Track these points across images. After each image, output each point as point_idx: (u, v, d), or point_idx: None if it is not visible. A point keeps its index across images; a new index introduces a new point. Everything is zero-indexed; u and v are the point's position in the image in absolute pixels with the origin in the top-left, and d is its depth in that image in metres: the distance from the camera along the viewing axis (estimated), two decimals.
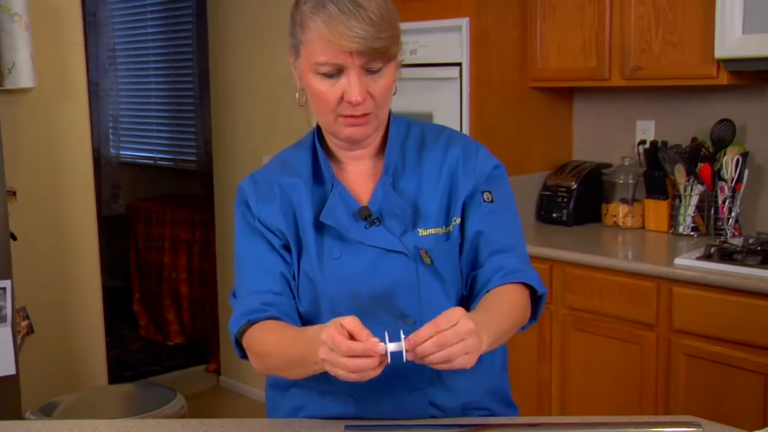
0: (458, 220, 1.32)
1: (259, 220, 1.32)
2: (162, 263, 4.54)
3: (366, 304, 1.29)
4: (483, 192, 1.33)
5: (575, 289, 2.66)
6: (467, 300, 1.33)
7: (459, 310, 1.08)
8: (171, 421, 1.39)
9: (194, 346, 4.36)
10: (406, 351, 1.07)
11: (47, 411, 2.47)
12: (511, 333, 1.27)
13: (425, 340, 1.06)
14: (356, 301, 1.29)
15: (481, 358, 1.35)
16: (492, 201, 1.33)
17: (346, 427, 1.18)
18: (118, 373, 3.84)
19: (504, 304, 1.25)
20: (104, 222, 3.58)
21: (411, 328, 1.28)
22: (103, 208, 4.80)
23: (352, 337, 1.07)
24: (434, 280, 1.30)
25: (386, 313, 1.30)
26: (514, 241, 1.35)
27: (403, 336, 1.08)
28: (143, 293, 4.70)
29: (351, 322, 1.08)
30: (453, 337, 1.05)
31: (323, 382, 1.28)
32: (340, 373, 1.06)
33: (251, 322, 1.27)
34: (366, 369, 1.05)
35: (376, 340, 1.05)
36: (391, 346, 1.07)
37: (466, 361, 1.07)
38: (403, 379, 1.32)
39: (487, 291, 1.28)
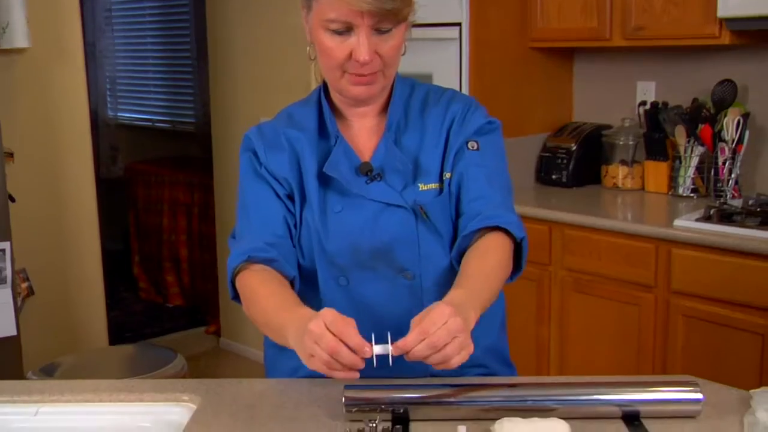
0: (449, 175, 1.32)
1: (266, 168, 1.33)
2: (161, 226, 4.55)
3: (366, 257, 1.30)
4: (468, 141, 1.33)
5: (574, 251, 2.66)
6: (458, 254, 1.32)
7: (447, 309, 1.06)
8: (172, 381, 1.40)
9: (194, 308, 4.38)
10: (393, 356, 1.06)
11: (48, 372, 2.49)
12: (497, 293, 1.27)
13: (414, 346, 1.05)
14: (356, 255, 1.30)
15: (482, 316, 1.37)
16: (477, 149, 1.32)
17: (346, 386, 1.19)
18: (118, 334, 3.86)
19: (485, 267, 1.23)
20: (103, 184, 3.56)
21: (410, 283, 1.31)
22: (101, 170, 4.79)
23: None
24: (432, 235, 1.31)
25: (386, 267, 1.31)
26: (496, 189, 1.32)
27: (390, 340, 1.07)
28: (143, 256, 4.70)
29: (342, 324, 1.07)
30: (445, 337, 1.05)
31: None
32: (316, 351, 1.05)
33: (251, 260, 1.28)
34: (344, 360, 1.04)
35: (368, 344, 1.05)
36: (377, 349, 1.06)
37: (462, 358, 1.07)
38: (402, 335, 1.29)
39: (465, 237, 1.28)
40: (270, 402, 1.29)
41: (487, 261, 1.24)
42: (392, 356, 1.06)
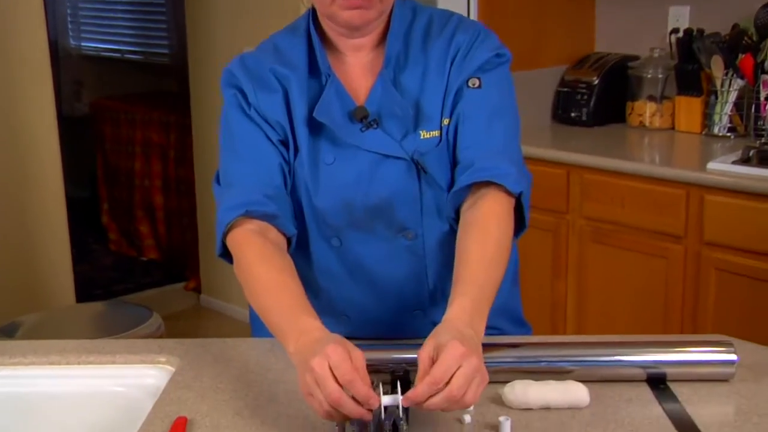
0: (447, 121, 1.29)
1: (255, 110, 1.30)
2: (133, 170, 4.54)
3: (361, 216, 1.30)
4: (470, 79, 1.28)
5: (595, 198, 2.66)
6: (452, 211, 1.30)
7: (458, 351, 1.00)
8: (147, 341, 1.41)
9: (171, 262, 4.40)
10: (403, 407, 1.02)
11: (8, 332, 2.51)
12: (502, 277, 1.21)
13: (425, 397, 0.99)
14: (350, 213, 1.30)
15: None
16: (479, 87, 1.28)
17: None
18: (86, 291, 3.87)
19: (487, 254, 1.18)
20: (65, 123, 3.55)
21: (411, 243, 1.30)
22: (63, 107, 4.75)
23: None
24: (435, 190, 1.30)
25: (385, 226, 1.31)
26: (496, 133, 1.28)
27: (399, 390, 1.04)
28: (112, 204, 4.71)
29: (353, 362, 1.02)
30: (463, 385, 0.99)
31: (312, 300, 1.31)
32: (316, 395, 1.00)
33: (249, 215, 1.24)
34: (348, 414, 1.00)
35: (375, 396, 1.00)
36: (386, 400, 1.02)
37: (478, 394, 1.01)
38: (401, 299, 1.35)
39: (457, 193, 1.25)
40: (256, 363, 1.31)
41: (487, 245, 1.19)
42: (402, 408, 1.02)
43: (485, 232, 1.20)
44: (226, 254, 1.29)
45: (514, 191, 1.25)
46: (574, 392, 1.14)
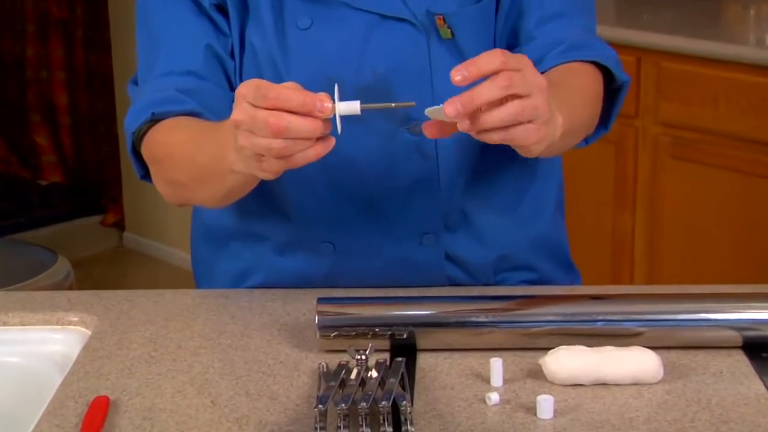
0: None
1: None
2: (23, 57, 4.50)
3: (351, 99, 1.30)
4: None
5: (675, 96, 2.66)
6: None
7: (520, 55, 1.08)
8: (52, 294, 1.43)
9: (82, 187, 4.40)
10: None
11: None
12: (582, 134, 1.32)
13: (488, 72, 1.06)
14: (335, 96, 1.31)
15: (526, 191, 1.42)
16: None
17: (320, 299, 1.23)
18: None
19: (578, 84, 1.28)
20: None
21: (418, 140, 1.33)
22: None
23: None
24: (455, 64, 1.29)
25: (382, 116, 1.33)
26: (578, 6, 1.35)
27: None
28: None
29: (292, 83, 1.10)
30: (520, 85, 1.05)
31: (282, 223, 1.35)
32: (260, 144, 1.07)
33: (157, 117, 1.30)
34: (300, 133, 1.06)
35: (323, 94, 1.08)
36: (342, 107, 1.09)
37: (529, 135, 1.07)
38: (405, 218, 1.38)
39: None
40: (204, 324, 1.33)
41: (579, 80, 1.29)
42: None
43: (573, 73, 1.30)
44: (148, 175, 1.35)
45: (622, 78, 1.34)
46: (641, 362, 1.15)
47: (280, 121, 1.04)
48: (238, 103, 1.08)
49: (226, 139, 1.14)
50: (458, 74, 1.05)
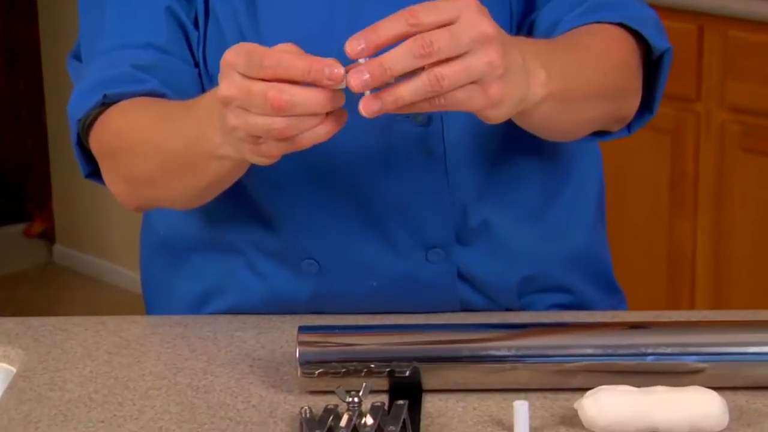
0: None
1: None
2: None
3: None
4: None
5: (746, 74, 2.67)
6: None
7: (451, 3, 1.08)
8: None
9: (1, 188, 4.40)
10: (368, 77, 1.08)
11: None
12: (604, 107, 1.31)
13: (392, 38, 1.07)
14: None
15: (558, 195, 1.43)
16: None
17: (301, 328, 1.23)
18: None
19: (589, 43, 1.29)
20: None
21: (422, 131, 1.35)
22: None
23: None
24: None
25: None
26: None
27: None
28: None
29: (291, 45, 1.11)
30: (448, 46, 1.06)
31: (255, 232, 1.38)
32: (257, 124, 1.08)
33: (110, 101, 1.31)
34: (307, 108, 1.06)
35: (331, 59, 1.08)
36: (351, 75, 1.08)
37: (474, 99, 1.09)
38: (407, 227, 1.39)
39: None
40: (157, 359, 1.34)
41: (594, 38, 1.30)
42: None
43: (590, 33, 1.32)
44: (96, 173, 1.36)
45: (660, 46, 1.34)
46: (701, 406, 1.15)
47: (281, 95, 1.04)
48: (226, 73, 1.08)
49: (204, 118, 1.16)
50: (354, 45, 1.06)
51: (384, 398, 1.18)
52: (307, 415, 1.14)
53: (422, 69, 1.06)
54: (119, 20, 1.37)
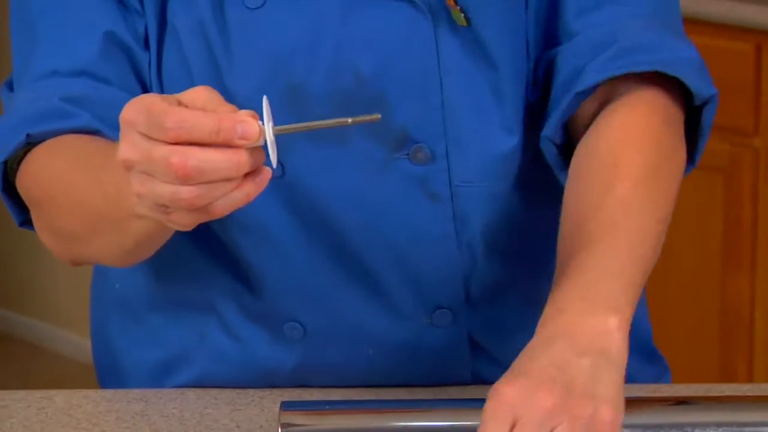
0: None
1: None
2: None
3: (323, 111, 1.31)
4: None
5: None
6: (536, 114, 1.37)
7: (547, 401, 1.06)
8: None
9: None
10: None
11: None
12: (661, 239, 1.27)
13: None
14: (300, 106, 1.34)
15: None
16: None
17: (284, 404, 1.24)
18: None
19: (637, 196, 1.24)
20: None
21: (423, 170, 1.35)
22: None
23: None
24: (473, 64, 1.35)
25: (371, 135, 1.35)
26: None
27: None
28: None
29: (202, 92, 1.08)
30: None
31: (229, 288, 1.40)
32: (162, 193, 1.06)
33: (35, 140, 1.31)
34: (218, 174, 1.04)
35: (246, 112, 1.05)
36: (275, 128, 1.06)
37: None
38: (407, 284, 1.39)
39: (577, 97, 1.31)
40: None
41: (639, 185, 1.25)
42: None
43: (632, 159, 1.26)
44: (29, 221, 1.37)
45: (702, 93, 1.32)
46: None
47: (187, 161, 1.02)
48: (126, 133, 1.06)
49: (122, 171, 1.12)
50: None
51: None
52: None
53: None
54: (51, 44, 1.38)
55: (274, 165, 1.06)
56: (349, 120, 1.09)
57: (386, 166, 1.36)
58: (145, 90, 1.39)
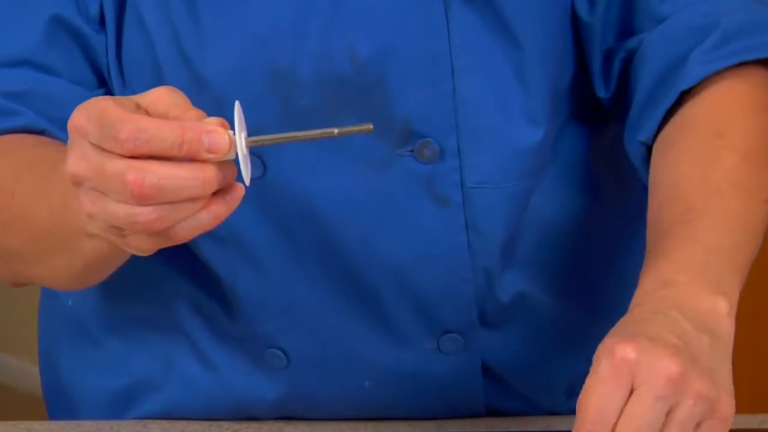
0: None
1: None
2: None
3: (313, 103, 1.30)
4: None
5: None
6: (615, 106, 1.35)
7: (667, 371, 1.00)
8: None
9: None
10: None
11: None
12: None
13: None
14: (288, 98, 1.31)
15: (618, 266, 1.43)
16: None
17: None
18: None
19: (740, 178, 1.21)
20: None
21: (430, 169, 1.31)
22: None
23: None
24: (492, 42, 1.31)
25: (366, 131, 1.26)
26: None
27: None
28: None
29: (165, 94, 1.03)
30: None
31: (202, 307, 1.37)
32: (116, 214, 1.01)
33: None
34: (181, 193, 0.99)
35: (214, 120, 1.01)
36: (248, 139, 1.03)
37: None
38: (412, 305, 1.35)
39: (668, 94, 1.27)
40: None
41: (742, 169, 1.22)
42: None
43: (739, 130, 1.24)
44: None
45: None
46: None
47: (144, 179, 0.98)
48: (75, 142, 1.02)
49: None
50: None
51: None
52: None
53: None
54: None
55: (247, 183, 1.03)
56: (335, 131, 1.06)
57: (386, 165, 1.32)
58: (102, 79, 1.37)
